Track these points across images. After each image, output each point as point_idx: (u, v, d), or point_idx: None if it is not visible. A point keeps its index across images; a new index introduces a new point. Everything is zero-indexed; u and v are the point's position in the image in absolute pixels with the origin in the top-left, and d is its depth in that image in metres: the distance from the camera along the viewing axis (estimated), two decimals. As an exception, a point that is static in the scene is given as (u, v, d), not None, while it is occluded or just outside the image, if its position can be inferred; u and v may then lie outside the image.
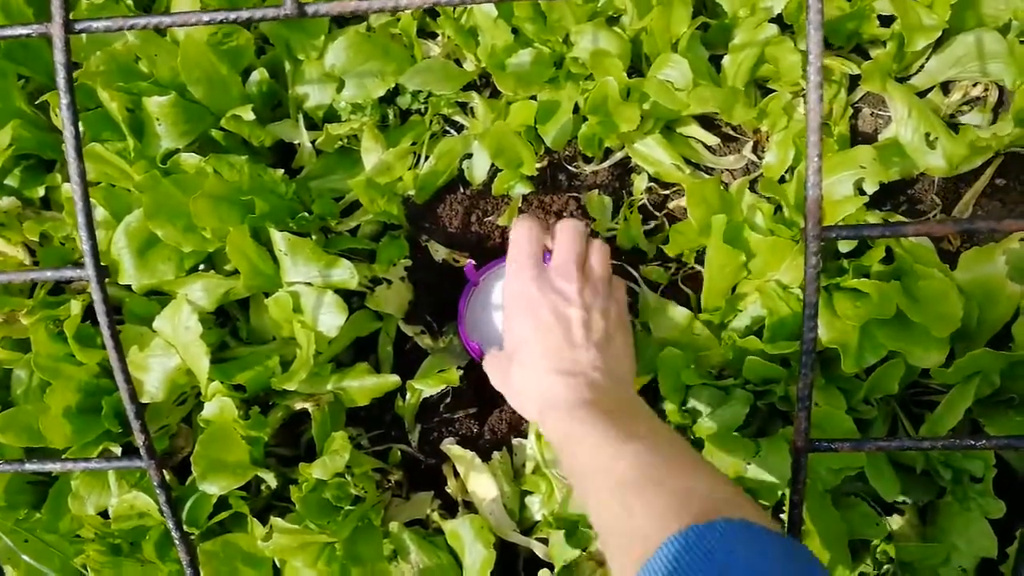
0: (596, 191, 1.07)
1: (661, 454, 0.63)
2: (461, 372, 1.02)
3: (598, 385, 0.73)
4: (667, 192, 1.07)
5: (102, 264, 0.61)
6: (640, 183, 1.05)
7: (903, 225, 0.55)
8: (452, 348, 1.06)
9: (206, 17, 0.56)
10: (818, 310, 0.56)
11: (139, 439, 0.63)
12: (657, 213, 1.06)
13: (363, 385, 0.97)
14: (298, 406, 0.98)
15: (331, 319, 0.93)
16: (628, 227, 1.02)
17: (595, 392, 0.72)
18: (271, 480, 0.94)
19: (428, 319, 1.06)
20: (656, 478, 0.60)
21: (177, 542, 0.66)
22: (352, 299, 0.99)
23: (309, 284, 0.94)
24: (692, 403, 0.93)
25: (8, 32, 0.59)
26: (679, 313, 0.95)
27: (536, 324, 0.76)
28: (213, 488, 0.89)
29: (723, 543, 0.52)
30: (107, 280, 0.62)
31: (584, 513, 0.89)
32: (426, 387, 1.00)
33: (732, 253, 0.91)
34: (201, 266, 1.00)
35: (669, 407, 0.93)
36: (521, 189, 1.05)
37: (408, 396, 1.03)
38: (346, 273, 0.94)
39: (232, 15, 0.56)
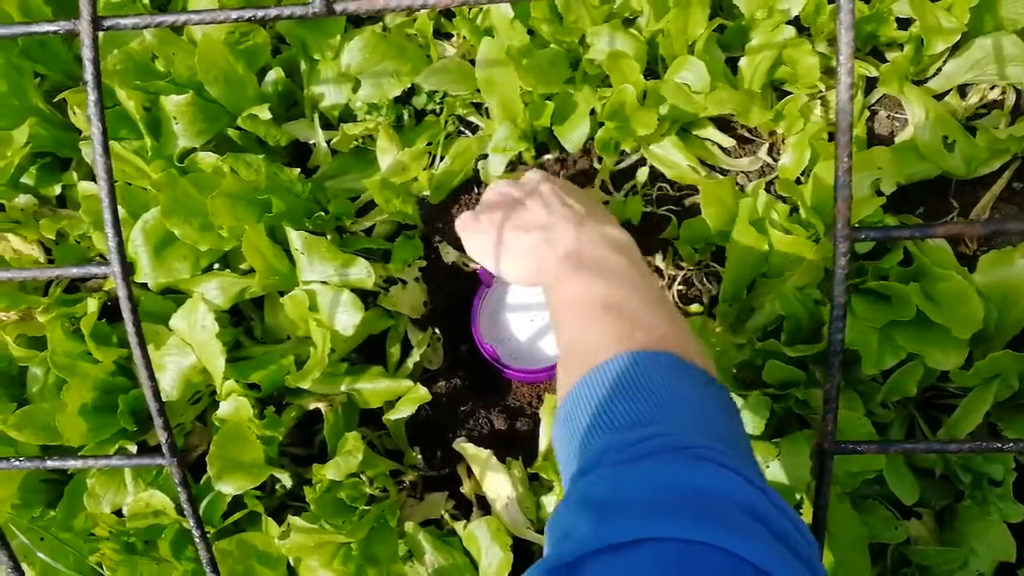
0: (611, 192, 1.07)
1: (627, 292, 0.70)
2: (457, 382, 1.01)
3: (579, 238, 0.77)
4: (679, 193, 1.07)
5: (123, 261, 0.60)
6: (642, 176, 1.05)
7: (931, 226, 0.54)
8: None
9: (234, 15, 0.56)
10: (846, 311, 0.56)
11: (161, 436, 0.63)
12: (671, 215, 1.06)
13: (376, 388, 0.97)
14: (312, 406, 0.98)
15: (347, 318, 0.93)
16: (625, 208, 1.03)
17: (577, 244, 0.77)
18: (286, 480, 0.94)
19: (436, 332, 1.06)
20: (616, 308, 0.67)
21: (197, 540, 0.66)
22: (366, 299, 0.98)
23: (325, 283, 0.94)
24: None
25: (35, 28, 0.58)
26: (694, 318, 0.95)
27: (513, 207, 0.82)
28: (228, 488, 0.89)
29: (664, 372, 0.60)
30: (128, 277, 0.62)
31: None
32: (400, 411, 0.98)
33: (757, 238, 0.91)
34: (216, 265, 1.00)
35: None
36: (536, 190, 1.04)
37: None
38: (363, 272, 0.94)
39: (260, 13, 0.56)
